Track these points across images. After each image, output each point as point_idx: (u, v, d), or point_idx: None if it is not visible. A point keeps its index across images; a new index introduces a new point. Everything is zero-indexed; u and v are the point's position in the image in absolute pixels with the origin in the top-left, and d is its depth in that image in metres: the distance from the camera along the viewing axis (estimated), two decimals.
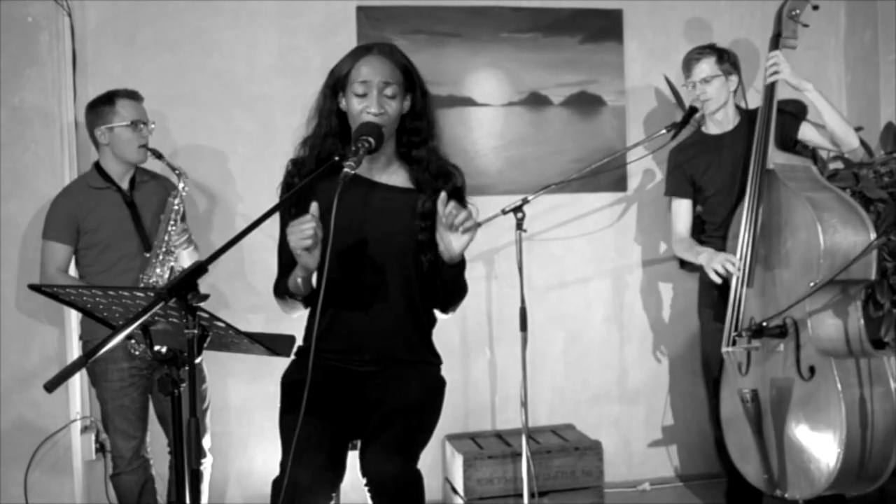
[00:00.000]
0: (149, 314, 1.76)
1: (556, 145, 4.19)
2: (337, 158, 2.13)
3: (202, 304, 1.84)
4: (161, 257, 3.25)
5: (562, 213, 4.24)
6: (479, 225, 2.27)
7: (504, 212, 3.53)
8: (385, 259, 2.31)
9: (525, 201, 3.52)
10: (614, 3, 4.25)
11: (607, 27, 4.23)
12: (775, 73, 3.39)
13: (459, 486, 3.82)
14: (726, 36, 4.29)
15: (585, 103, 4.22)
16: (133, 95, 3.30)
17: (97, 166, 3.33)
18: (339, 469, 2.20)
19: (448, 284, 2.35)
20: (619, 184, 4.28)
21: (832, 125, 3.41)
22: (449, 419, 4.15)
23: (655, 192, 4.21)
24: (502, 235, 4.00)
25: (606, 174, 4.18)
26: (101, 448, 3.79)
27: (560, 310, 4.27)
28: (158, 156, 3.27)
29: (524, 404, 3.54)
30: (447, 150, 2.44)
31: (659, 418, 4.40)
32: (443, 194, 2.21)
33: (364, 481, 2.13)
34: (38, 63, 3.62)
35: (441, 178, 2.33)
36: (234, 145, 3.93)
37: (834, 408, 3.03)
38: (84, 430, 3.76)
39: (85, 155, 3.79)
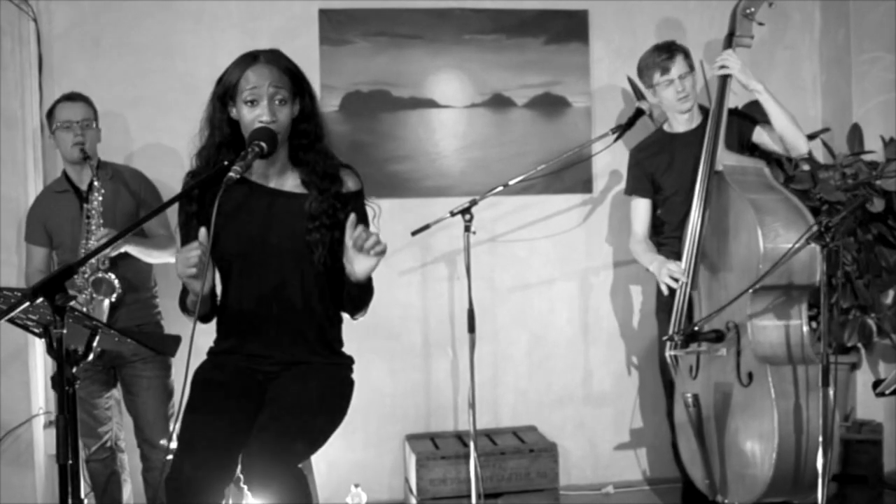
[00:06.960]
0: (14, 312, 1.80)
1: (519, 147, 4.18)
2: (226, 163, 2.16)
3: (77, 304, 1.89)
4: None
5: (527, 215, 4.23)
6: (384, 251, 2.23)
7: (452, 214, 3.53)
8: (283, 264, 2.35)
9: (473, 203, 3.52)
10: (579, 4, 4.21)
11: (572, 28, 4.20)
12: (723, 67, 3.36)
13: (414, 486, 3.84)
14: (697, 37, 4.24)
15: (550, 104, 4.20)
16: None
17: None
18: (232, 467, 2.22)
19: (353, 297, 2.37)
20: (585, 185, 4.25)
21: (781, 129, 3.35)
22: (411, 419, 4.18)
23: (622, 193, 4.16)
24: (464, 236, 3.99)
25: (572, 176, 4.17)
26: None
27: (524, 311, 4.26)
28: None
29: (472, 405, 3.54)
30: (409, 152, 2.43)
31: (627, 421, 4.36)
32: (352, 217, 2.23)
33: (242, 480, 2.15)
34: (2, 67, 3.70)
35: (328, 179, 2.35)
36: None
37: (767, 415, 2.99)
38: (48, 424, 3.84)
39: (51, 158, 3.88)
